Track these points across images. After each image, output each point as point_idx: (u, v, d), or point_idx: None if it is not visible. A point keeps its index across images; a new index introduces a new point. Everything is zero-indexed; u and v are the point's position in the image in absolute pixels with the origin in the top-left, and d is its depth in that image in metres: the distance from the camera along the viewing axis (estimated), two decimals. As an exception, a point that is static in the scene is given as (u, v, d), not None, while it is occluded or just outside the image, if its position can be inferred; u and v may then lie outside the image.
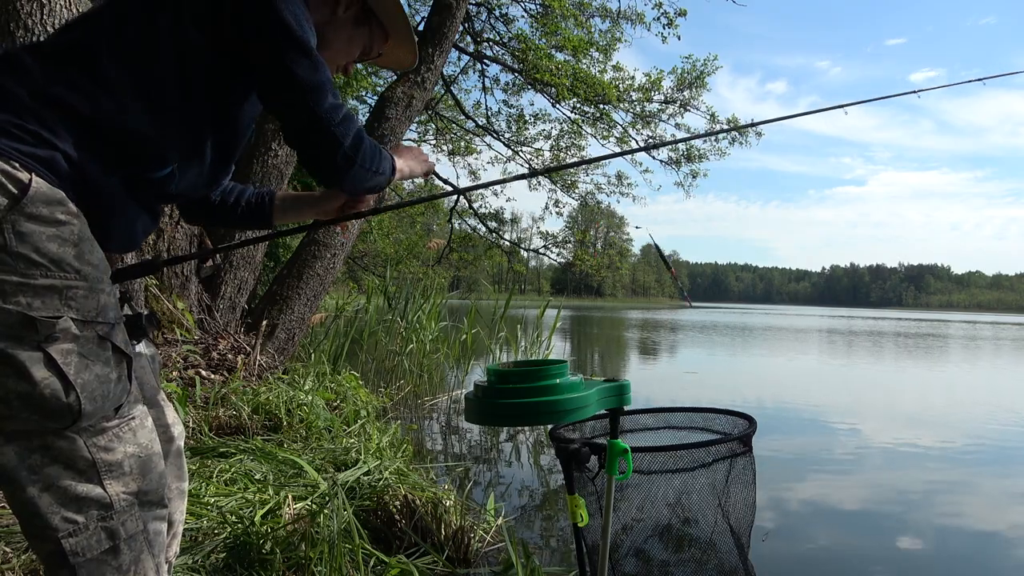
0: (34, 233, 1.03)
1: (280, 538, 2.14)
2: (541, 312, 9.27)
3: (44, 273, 1.04)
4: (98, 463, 1.12)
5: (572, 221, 56.17)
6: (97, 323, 1.09)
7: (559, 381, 1.44)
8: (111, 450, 1.14)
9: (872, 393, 8.93)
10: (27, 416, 1.05)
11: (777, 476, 4.22)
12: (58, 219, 1.06)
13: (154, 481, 1.21)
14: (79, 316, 1.07)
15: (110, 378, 1.11)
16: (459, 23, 6.73)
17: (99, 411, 1.10)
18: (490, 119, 14.07)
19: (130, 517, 1.15)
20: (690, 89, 12.80)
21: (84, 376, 1.07)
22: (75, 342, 1.06)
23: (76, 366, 1.06)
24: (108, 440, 1.13)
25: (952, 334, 27.20)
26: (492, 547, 2.62)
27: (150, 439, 1.22)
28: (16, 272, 1.02)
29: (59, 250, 1.05)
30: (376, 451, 3.33)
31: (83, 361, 1.07)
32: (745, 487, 1.83)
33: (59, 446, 1.09)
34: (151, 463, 1.21)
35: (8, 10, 2.90)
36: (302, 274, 5.28)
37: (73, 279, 1.07)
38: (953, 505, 3.90)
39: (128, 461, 1.16)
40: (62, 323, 1.05)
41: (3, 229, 1.02)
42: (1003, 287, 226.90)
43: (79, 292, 1.07)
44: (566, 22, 11.49)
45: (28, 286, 1.03)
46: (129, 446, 1.16)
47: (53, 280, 1.04)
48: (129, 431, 1.17)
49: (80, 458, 1.11)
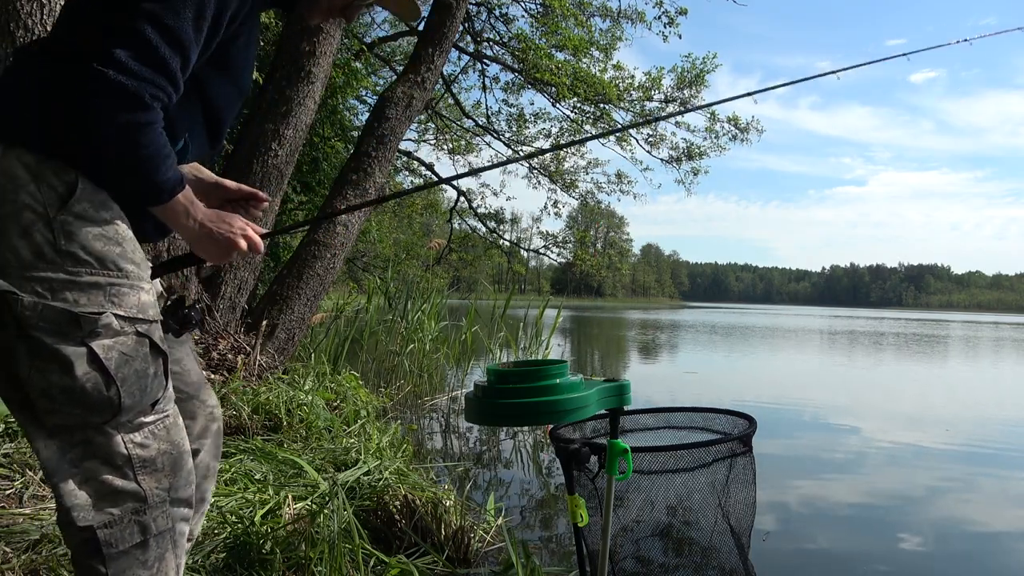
0: (81, 232, 1.08)
1: (280, 538, 2.14)
2: (541, 312, 9.26)
3: (90, 271, 1.08)
4: (133, 459, 1.16)
5: (572, 221, 56.16)
6: (138, 320, 1.13)
7: (559, 381, 1.45)
8: (146, 447, 1.18)
9: (872, 393, 8.93)
10: (69, 410, 1.09)
11: (777, 476, 4.22)
12: (104, 218, 1.11)
13: (183, 479, 1.25)
14: (122, 312, 1.11)
15: (148, 373, 1.15)
16: (459, 23, 6.73)
17: (137, 405, 1.14)
18: (490, 119, 14.07)
19: (161, 513, 1.20)
20: (690, 88, 12.79)
21: (124, 371, 1.11)
22: (116, 338, 1.10)
23: (117, 361, 1.10)
24: (144, 437, 1.18)
25: (952, 334, 27.19)
26: (492, 547, 2.62)
27: (182, 437, 1.26)
28: (63, 270, 1.06)
29: (104, 248, 1.10)
30: (376, 451, 3.33)
31: (123, 356, 1.11)
32: (745, 487, 1.82)
33: (98, 441, 1.14)
34: (182, 461, 1.25)
35: (8, 10, 2.90)
36: (302, 274, 5.28)
37: (116, 277, 1.11)
38: (953, 505, 3.90)
39: (161, 458, 1.20)
40: (104, 319, 1.08)
41: (53, 228, 1.06)
42: (1003, 287, 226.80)
43: (122, 289, 1.11)
44: (566, 21, 11.48)
45: (74, 283, 1.07)
46: (163, 443, 1.21)
47: (98, 278, 1.09)
48: (163, 429, 1.21)
49: (117, 453, 1.15)
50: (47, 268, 1.06)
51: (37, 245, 1.06)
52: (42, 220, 1.06)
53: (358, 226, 5.51)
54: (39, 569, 1.90)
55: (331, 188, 5.75)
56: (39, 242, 1.06)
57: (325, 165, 8.85)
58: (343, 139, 9.70)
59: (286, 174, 5.30)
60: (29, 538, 2.04)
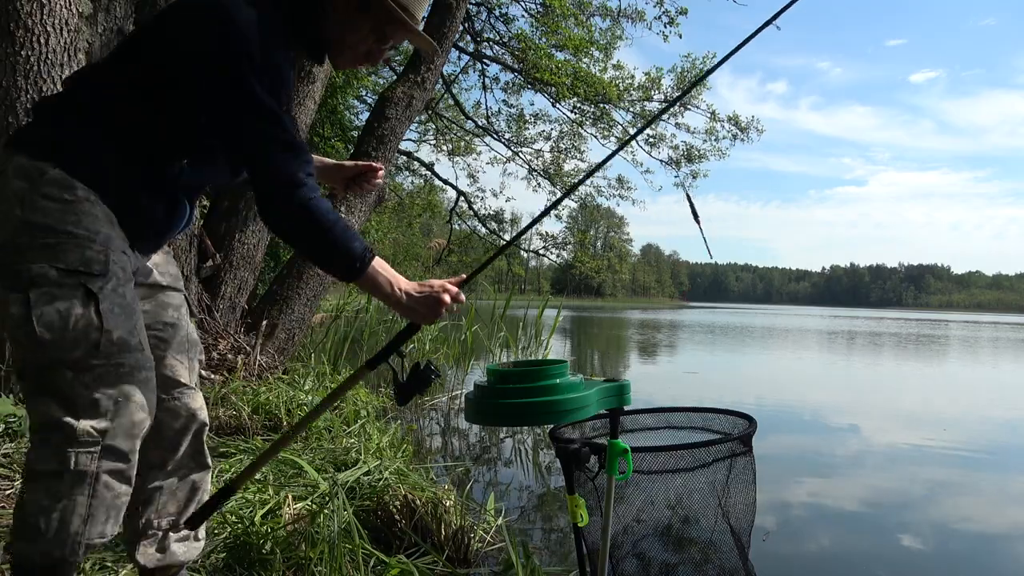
0: (45, 208, 1.31)
1: (280, 538, 2.14)
2: (540, 312, 9.26)
3: (43, 236, 1.31)
4: (76, 397, 1.32)
5: (572, 222, 56.14)
6: (77, 272, 1.32)
7: (559, 381, 1.45)
8: (88, 387, 1.33)
9: (872, 393, 8.93)
10: (16, 349, 1.35)
11: (777, 476, 4.22)
12: (65, 199, 1.33)
13: (122, 430, 1.35)
14: (63, 266, 1.31)
15: (72, 314, 1.31)
16: (459, 23, 6.73)
17: (61, 343, 1.30)
18: (490, 119, 14.08)
19: (85, 453, 1.32)
20: (690, 88, 12.79)
21: (48, 312, 1.30)
22: (50, 287, 1.30)
23: (43, 304, 1.30)
24: (91, 379, 1.32)
25: (952, 334, 27.20)
26: (492, 547, 2.61)
27: (136, 392, 1.37)
28: (28, 234, 1.31)
29: (60, 219, 1.32)
30: (376, 451, 3.33)
31: (51, 300, 1.30)
32: (745, 487, 1.82)
33: (49, 377, 1.32)
34: (127, 412, 1.36)
35: (8, 10, 2.90)
36: (302, 274, 5.28)
37: (64, 239, 1.31)
38: (954, 505, 3.90)
39: (106, 401, 1.33)
40: (37, 268, 1.30)
41: (23, 203, 1.32)
42: (1003, 287, 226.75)
43: (67, 247, 1.31)
44: (566, 21, 11.49)
45: (34, 245, 1.31)
46: (110, 389, 1.34)
47: (48, 240, 1.31)
48: (115, 376, 1.34)
49: (59, 388, 1.32)
50: (18, 235, 1.32)
51: (12, 219, 1.32)
52: (17, 199, 1.32)
53: (358, 226, 5.51)
54: (39, 569, 1.90)
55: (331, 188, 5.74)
56: (14, 216, 1.32)
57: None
58: (343, 139, 9.70)
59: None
60: (29, 538, 2.03)
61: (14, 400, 2.79)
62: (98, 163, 1.38)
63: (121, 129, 1.40)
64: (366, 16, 1.52)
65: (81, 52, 3.17)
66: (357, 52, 1.57)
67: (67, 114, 1.40)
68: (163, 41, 1.39)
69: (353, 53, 1.57)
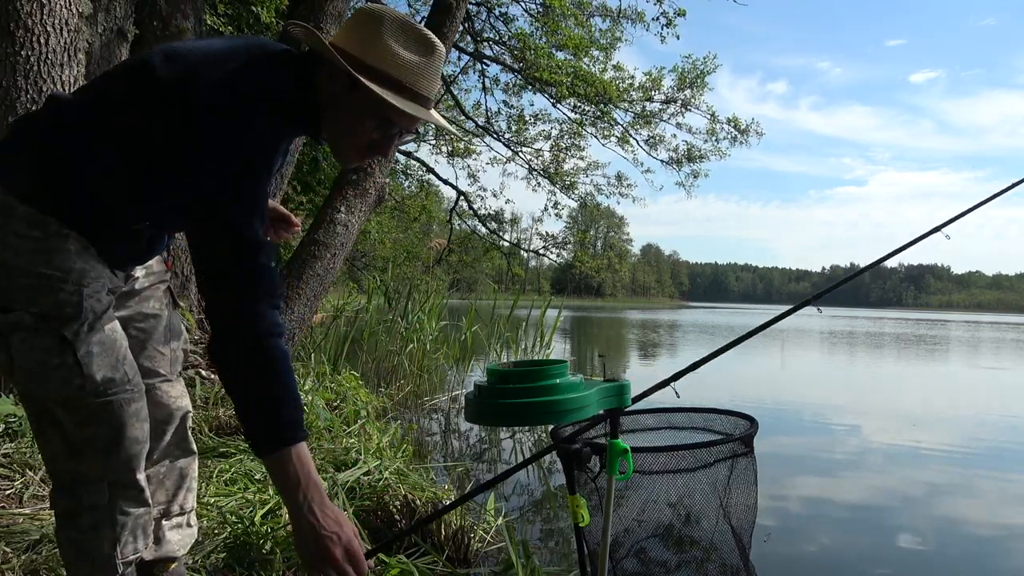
0: (17, 247, 1.28)
1: (280, 538, 2.13)
2: (542, 312, 9.25)
3: (18, 277, 1.28)
4: (70, 436, 1.35)
5: (572, 222, 56.13)
6: (51, 318, 1.29)
7: (559, 381, 1.44)
8: (83, 426, 1.34)
9: (873, 393, 8.93)
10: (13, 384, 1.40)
11: (779, 476, 4.21)
12: (35, 236, 1.28)
13: (119, 463, 1.37)
14: (36, 310, 1.29)
15: (50, 364, 1.30)
16: (459, 23, 6.72)
17: (45, 387, 1.31)
18: (490, 119, 14.07)
19: (93, 490, 1.36)
20: (691, 88, 12.79)
21: (26, 360, 1.30)
22: (26, 332, 1.29)
23: (21, 351, 1.30)
24: (82, 417, 1.33)
25: (952, 335, 27.19)
26: (492, 547, 2.61)
27: (124, 424, 1.37)
28: (4, 276, 1.28)
29: (31, 260, 1.28)
30: (376, 451, 3.32)
31: (30, 347, 1.29)
32: (747, 488, 1.82)
33: (50, 413, 1.35)
34: (119, 446, 1.37)
35: (8, 10, 2.89)
36: (302, 274, 5.27)
37: (35, 281, 1.28)
38: (954, 505, 3.89)
39: (97, 441, 1.35)
40: (14, 316, 1.28)
41: None
42: (1003, 287, 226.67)
43: (40, 290, 1.29)
44: (566, 21, 11.49)
45: (11, 287, 1.28)
46: (101, 427, 1.35)
47: (21, 281, 1.28)
48: (107, 412, 1.35)
49: (58, 427, 1.35)
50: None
51: None
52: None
53: (358, 226, 5.50)
54: (39, 569, 1.90)
55: (331, 188, 5.75)
56: None
57: (325, 165, 8.85)
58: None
59: (286, 175, 5.29)
60: (29, 538, 2.03)
61: (14, 400, 2.79)
62: (71, 206, 1.31)
63: (93, 179, 1.32)
64: (357, 96, 1.30)
65: (81, 52, 3.17)
66: (359, 144, 1.38)
67: (46, 148, 1.33)
68: (165, 124, 1.28)
69: (356, 150, 1.39)
